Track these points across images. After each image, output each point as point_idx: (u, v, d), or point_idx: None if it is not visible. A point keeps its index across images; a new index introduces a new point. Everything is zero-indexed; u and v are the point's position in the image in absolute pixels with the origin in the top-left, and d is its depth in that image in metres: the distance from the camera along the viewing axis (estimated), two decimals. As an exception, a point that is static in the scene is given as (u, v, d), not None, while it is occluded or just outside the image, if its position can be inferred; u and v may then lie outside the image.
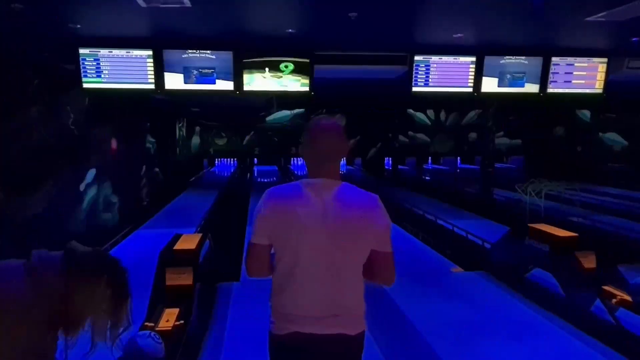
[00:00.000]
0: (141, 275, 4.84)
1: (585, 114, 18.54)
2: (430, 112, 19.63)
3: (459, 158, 21.75)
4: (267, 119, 18.57)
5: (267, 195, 1.73)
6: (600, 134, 18.22)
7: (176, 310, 3.45)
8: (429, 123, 19.78)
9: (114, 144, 8.27)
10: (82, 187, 6.64)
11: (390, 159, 20.84)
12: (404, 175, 19.35)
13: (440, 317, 4.39)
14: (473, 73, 5.50)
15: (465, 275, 5.69)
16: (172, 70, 5.02)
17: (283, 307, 1.70)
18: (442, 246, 6.87)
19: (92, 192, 6.99)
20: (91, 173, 6.98)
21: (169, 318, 3.36)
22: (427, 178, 19.97)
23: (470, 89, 5.56)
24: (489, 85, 5.54)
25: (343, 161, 17.30)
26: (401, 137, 19.47)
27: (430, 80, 5.47)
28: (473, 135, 19.96)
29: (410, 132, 19.66)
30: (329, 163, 1.71)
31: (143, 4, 3.48)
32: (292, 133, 18.39)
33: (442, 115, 19.75)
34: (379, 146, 19.55)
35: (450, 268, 5.97)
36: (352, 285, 1.71)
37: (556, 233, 4.58)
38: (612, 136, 18.22)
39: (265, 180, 18.13)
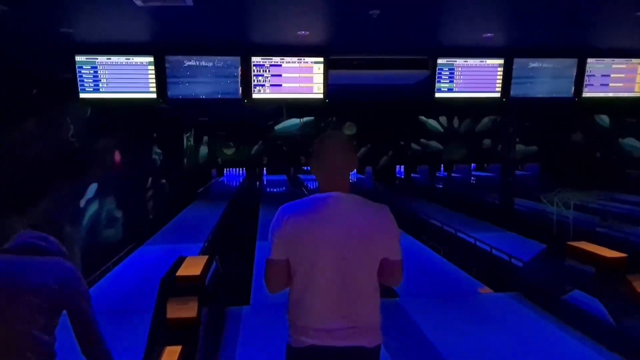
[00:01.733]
0: (142, 301, 4.44)
1: (604, 119, 17.97)
2: (442, 119, 19.18)
3: (472, 165, 21.25)
4: (276, 127, 18.22)
5: (281, 211, 1.78)
6: (620, 139, 17.61)
7: (178, 349, 3.02)
8: (442, 130, 19.32)
9: (117, 156, 7.92)
10: (82, 203, 6.28)
11: (401, 167, 20.40)
12: (417, 184, 18.86)
13: (469, 343, 3.99)
14: (501, 77, 5.05)
15: (495, 296, 5.22)
16: (175, 77, 4.64)
17: (300, 321, 1.74)
18: (466, 263, 6.40)
19: (93, 208, 6.62)
20: (92, 188, 6.61)
21: (170, 358, 2.94)
22: (439, 186, 19.48)
23: (498, 94, 5.11)
24: (519, 90, 5.10)
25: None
26: (413, 145, 19.02)
27: (455, 85, 5.03)
28: (487, 142, 19.47)
29: (422, 140, 19.21)
30: (338, 177, 1.79)
31: (140, 3, 3.11)
32: (302, 142, 18.03)
33: (455, 121, 19.29)
34: (391, 154, 19.11)
35: (477, 288, 5.50)
36: (368, 298, 1.76)
37: (603, 253, 4.10)
38: (631, 142, 17.62)
39: (275, 190, 17.76)
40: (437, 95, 5.05)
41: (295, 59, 4.75)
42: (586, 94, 5.19)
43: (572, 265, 4.43)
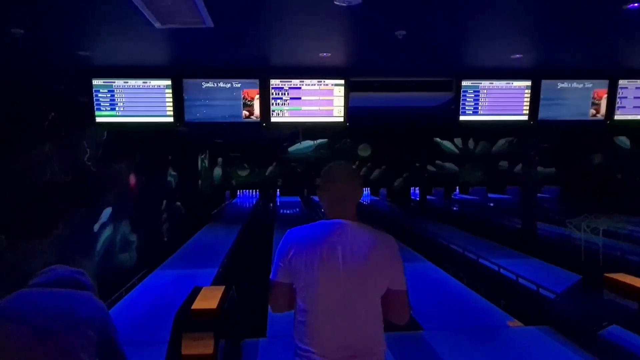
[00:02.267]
0: (155, 333, 4.23)
1: (623, 140, 17.56)
2: (457, 140, 18.96)
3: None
4: (290, 149, 18.16)
5: (288, 235, 1.85)
6: (643, 161, 17.13)
7: (193, 390, 2.83)
8: (457, 151, 19.08)
9: (133, 179, 7.85)
10: (96, 227, 6.16)
11: (415, 189, 20.13)
12: (432, 206, 18.53)
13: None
14: (528, 99, 4.86)
15: (526, 330, 4.92)
16: (192, 100, 4.55)
17: (304, 346, 1.76)
18: (491, 292, 6.10)
19: (107, 232, 6.51)
20: (107, 212, 6.51)
21: (184, 400, 2.74)
22: (455, 208, 19.13)
23: (526, 117, 4.91)
24: (547, 112, 4.90)
25: (367, 191, 16.78)
26: (429, 167, 18.78)
27: (480, 107, 4.85)
28: (504, 163, 19.15)
29: (437, 161, 18.97)
30: (344, 204, 1.85)
31: (159, 25, 3.01)
32: (315, 163, 17.91)
33: (471, 143, 19.05)
34: (405, 176, 18.87)
35: (506, 321, 5.20)
36: (371, 325, 1.77)
37: (645, 287, 3.83)
38: (654, 164, 17.14)
39: (288, 211, 17.59)
40: (462, 118, 4.88)
41: (315, 81, 4.63)
42: (618, 116, 4.97)
43: (610, 298, 4.15)
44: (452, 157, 19.08)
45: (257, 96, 4.57)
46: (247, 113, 4.61)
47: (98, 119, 4.54)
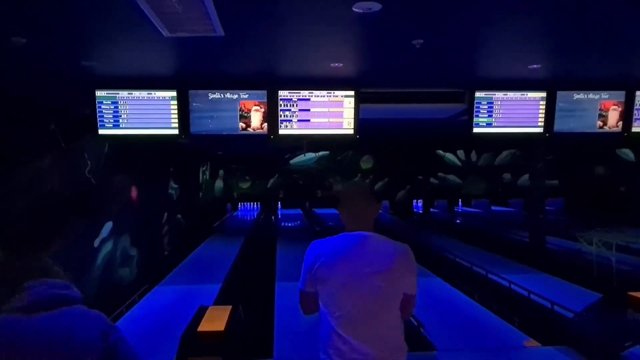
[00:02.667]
0: (158, 355, 4.03)
1: (627, 153, 17.44)
2: (460, 152, 18.84)
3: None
4: (291, 161, 18.00)
5: (313, 248, 1.99)
6: (649, 173, 16.98)
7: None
8: (459, 164, 18.94)
9: (134, 192, 7.69)
10: (96, 242, 5.99)
11: (418, 201, 19.95)
12: (436, 218, 18.35)
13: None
14: (543, 111, 4.73)
15: (543, 351, 4.71)
16: (198, 112, 4.41)
17: (330, 349, 1.88)
18: (503, 309, 5.90)
19: (107, 247, 6.33)
20: (107, 226, 6.34)
21: None
22: (458, 221, 18.95)
23: (541, 129, 4.77)
24: (563, 124, 4.76)
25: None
26: (431, 179, 18.62)
27: (494, 119, 4.71)
28: (507, 176, 19.01)
29: (440, 174, 18.83)
30: (362, 219, 2.00)
31: (167, 34, 2.88)
32: (317, 175, 17.75)
33: (473, 155, 18.93)
34: (408, 188, 18.71)
35: (523, 341, 5.00)
36: (392, 329, 1.91)
37: (674, 307, 3.65)
38: (660, 175, 16.97)
39: (290, 224, 17.41)
40: (476, 130, 4.73)
41: (324, 92, 4.50)
42: (636, 128, 4.83)
43: (635, 318, 3.96)
44: (454, 169, 18.94)
45: (255, 107, 4.43)
46: (243, 125, 4.46)
47: (101, 131, 4.40)
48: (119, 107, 4.34)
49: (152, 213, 8.93)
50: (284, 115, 4.51)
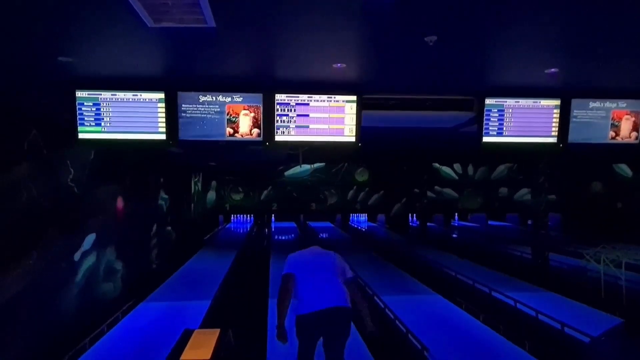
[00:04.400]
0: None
1: (624, 168, 17.32)
2: (457, 166, 18.62)
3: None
4: (286, 173, 17.64)
5: (290, 258, 3.72)
6: (646, 189, 16.81)
7: None
8: (456, 177, 18.71)
9: (121, 202, 7.30)
10: (77, 256, 5.58)
11: (413, 215, 19.66)
12: (432, 233, 18.02)
13: None
14: (557, 120, 4.45)
15: (559, 378, 4.37)
16: (188, 116, 4.08)
17: (301, 309, 3.39)
18: (511, 331, 5.54)
19: (89, 261, 5.92)
20: (90, 238, 5.94)
21: None
22: (455, 235, 18.65)
23: (554, 140, 4.49)
24: (577, 134, 4.49)
25: (364, 217, 16.31)
26: (428, 193, 18.34)
27: (505, 129, 4.42)
28: (504, 190, 18.80)
29: (437, 187, 18.56)
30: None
31: (151, 23, 2.56)
32: (312, 188, 17.41)
33: (470, 169, 18.71)
34: (404, 202, 18.41)
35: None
36: (340, 291, 3.46)
37: None
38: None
39: (284, 237, 17.01)
40: (485, 139, 4.44)
41: (324, 97, 4.19)
42: (654, 139, 4.56)
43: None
44: (451, 183, 18.71)
45: (244, 111, 4.10)
46: (230, 130, 4.13)
47: (81, 135, 4.06)
48: (102, 110, 4.01)
49: (140, 225, 8.52)
50: (281, 121, 4.19)
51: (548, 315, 5.98)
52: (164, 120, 4.06)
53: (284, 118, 4.18)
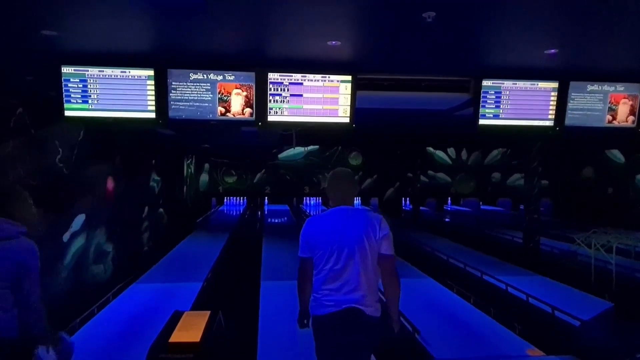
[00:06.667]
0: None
1: (617, 154, 17.37)
2: (451, 151, 18.60)
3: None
4: (280, 155, 17.54)
5: (308, 223, 2.73)
6: (638, 176, 16.91)
7: None
8: (450, 162, 18.72)
9: (111, 183, 7.19)
10: (66, 237, 5.50)
11: (406, 200, 19.70)
12: (425, 217, 18.07)
13: None
14: (554, 102, 4.39)
15: (548, 360, 4.39)
16: (178, 94, 3.97)
17: (322, 296, 2.59)
18: (501, 313, 5.57)
19: (79, 242, 5.84)
20: (79, 219, 5.85)
21: None
22: (447, 220, 18.74)
23: (551, 123, 4.44)
24: (575, 118, 4.43)
25: (358, 201, 16.36)
26: (421, 177, 18.34)
27: (501, 111, 4.36)
28: (497, 175, 18.85)
29: (430, 172, 18.57)
30: (346, 198, 2.73)
31: (137, -6, 2.44)
32: (305, 171, 17.35)
33: (464, 154, 18.71)
34: (397, 186, 18.41)
35: (525, 350, 4.67)
36: (370, 282, 2.58)
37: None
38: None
39: (276, 220, 16.99)
40: (482, 122, 4.38)
41: (319, 76, 4.10)
42: (652, 124, 4.52)
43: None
44: (444, 167, 18.72)
45: (236, 90, 4.00)
46: (222, 110, 4.03)
47: (67, 113, 3.94)
48: (88, 86, 3.88)
49: (131, 206, 8.43)
50: (274, 101, 4.09)
51: (539, 298, 6.02)
52: (153, 98, 3.95)
53: (277, 98, 4.08)
